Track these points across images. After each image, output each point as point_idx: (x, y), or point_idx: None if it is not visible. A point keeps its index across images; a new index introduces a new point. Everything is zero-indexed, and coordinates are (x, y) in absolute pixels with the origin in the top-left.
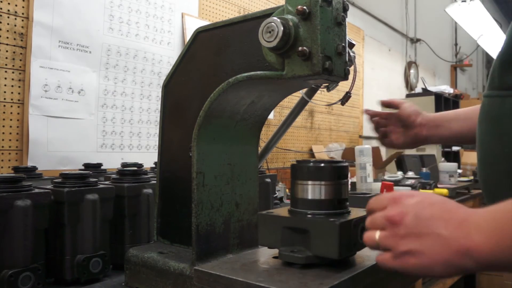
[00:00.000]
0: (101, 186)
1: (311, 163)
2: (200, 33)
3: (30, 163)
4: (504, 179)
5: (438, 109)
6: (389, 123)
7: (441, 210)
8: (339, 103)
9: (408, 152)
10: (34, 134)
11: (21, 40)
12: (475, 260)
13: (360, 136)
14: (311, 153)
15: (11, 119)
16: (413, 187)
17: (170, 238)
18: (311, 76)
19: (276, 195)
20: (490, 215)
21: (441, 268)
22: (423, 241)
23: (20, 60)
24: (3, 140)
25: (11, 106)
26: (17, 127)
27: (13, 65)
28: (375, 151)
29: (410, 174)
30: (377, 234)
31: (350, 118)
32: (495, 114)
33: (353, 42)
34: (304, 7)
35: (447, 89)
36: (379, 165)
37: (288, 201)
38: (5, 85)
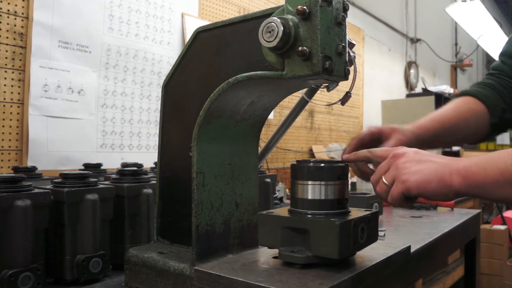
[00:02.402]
0: (101, 186)
1: (311, 163)
2: (200, 33)
3: (30, 163)
4: None
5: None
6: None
7: (436, 154)
8: (339, 103)
9: None
10: (34, 134)
11: (21, 40)
12: (463, 176)
13: None
14: (311, 153)
15: (11, 119)
16: None
17: (170, 238)
18: (311, 76)
19: (276, 195)
20: (475, 157)
21: (435, 184)
22: (422, 164)
23: (20, 60)
24: (3, 140)
25: (11, 106)
26: (17, 127)
27: (13, 65)
28: None
29: None
30: (383, 177)
31: (350, 118)
32: None
33: (353, 42)
34: (304, 7)
35: (447, 89)
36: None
37: (288, 201)
38: (5, 85)
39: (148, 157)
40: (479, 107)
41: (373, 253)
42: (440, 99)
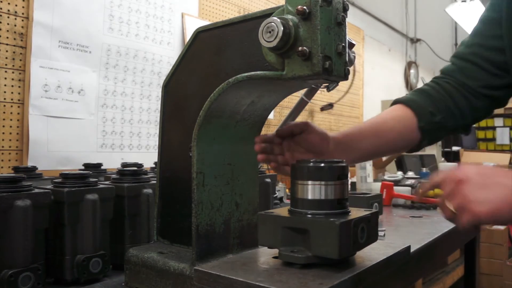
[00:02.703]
0: (101, 186)
1: (311, 163)
2: (200, 33)
3: (30, 163)
4: None
5: None
6: (289, 149)
7: (500, 170)
8: (319, 109)
9: None
10: (34, 134)
11: (21, 40)
12: None
13: None
14: None
15: (11, 119)
16: (413, 187)
17: (170, 238)
18: (311, 76)
19: (276, 195)
20: None
21: (507, 211)
22: (490, 190)
23: (20, 60)
24: (3, 140)
25: (11, 106)
26: (17, 127)
27: (13, 65)
28: None
29: (410, 174)
30: (449, 203)
31: (350, 118)
32: None
33: (353, 42)
34: (304, 7)
35: None
36: (379, 165)
37: (288, 201)
38: (5, 85)
39: (148, 157)
40: (406, 113)
41: (373, 253)
42: None
